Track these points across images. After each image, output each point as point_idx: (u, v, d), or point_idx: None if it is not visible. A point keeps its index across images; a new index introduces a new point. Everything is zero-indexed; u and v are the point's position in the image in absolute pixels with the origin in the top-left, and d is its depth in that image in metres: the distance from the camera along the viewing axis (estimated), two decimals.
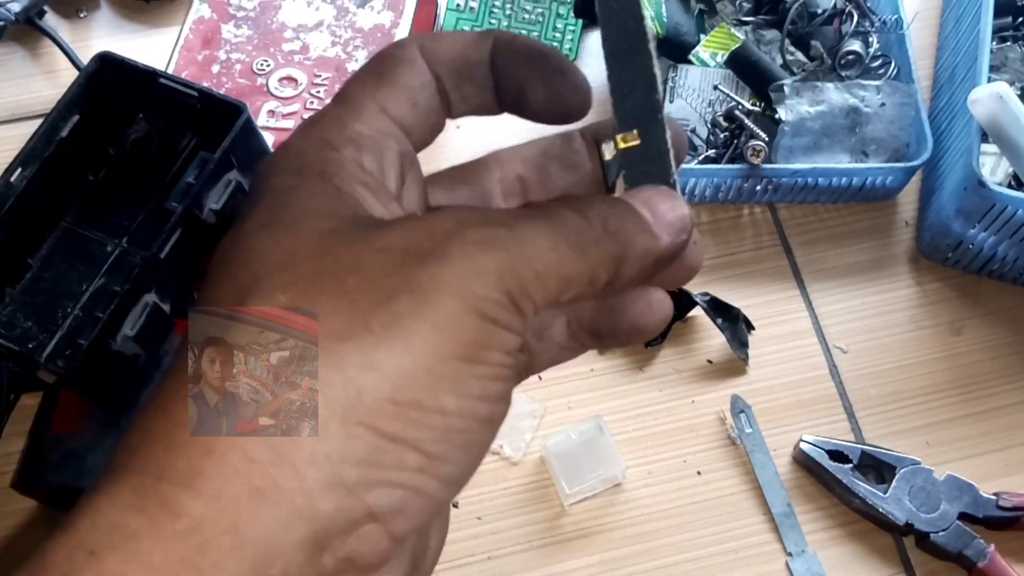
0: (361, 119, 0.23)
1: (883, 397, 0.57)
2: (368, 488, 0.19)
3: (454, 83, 0.24)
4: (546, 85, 0.23)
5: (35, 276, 0.51)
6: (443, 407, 0.20)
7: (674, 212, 0.24)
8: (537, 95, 0.24)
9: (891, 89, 0.60)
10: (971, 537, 0.52)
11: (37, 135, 0.50)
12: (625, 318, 0.25)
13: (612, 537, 0.53)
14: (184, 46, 0.57)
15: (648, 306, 0.25)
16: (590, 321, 0.26)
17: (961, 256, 0.59)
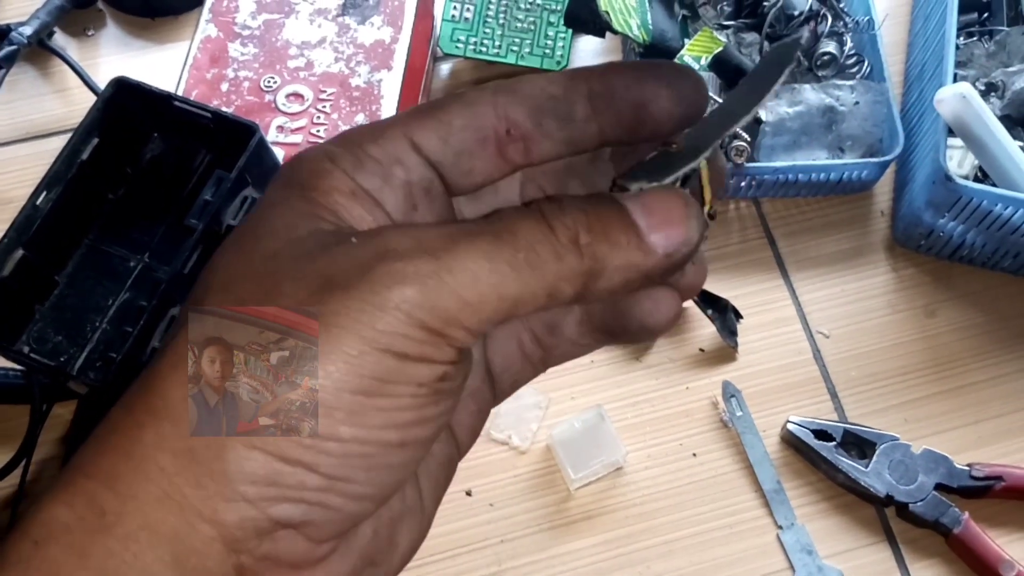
0: (379, 141, 0.23)
1: (863, 378, 0.60)
2: (270, 503, 0.20)
3: (534, 120, 0.23)
4: (671, 90, 0.23)
5: (62, 293, 0.54)
6: (338, 435, 0.20)
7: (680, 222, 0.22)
8: (662, 101, 0.23)
9: (864, 88, 0.63)
10: (947, 506, 0.55)
11: (60, 159, 0.52)
12: (633, 317, 0.25)
13: (616, 517, 0.56)
14: (193, 65, 0.60)
15: (654, 305, 0.25)
16: (600, 320, 0.26)
17: (933, 243, 0.62)
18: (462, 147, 0.23)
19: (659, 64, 0.23)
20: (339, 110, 0.59)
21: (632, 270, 0.22)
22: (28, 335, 0.52)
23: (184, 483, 0.20)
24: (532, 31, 0.68)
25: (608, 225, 0.22)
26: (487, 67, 0.69)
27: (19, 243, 0.50)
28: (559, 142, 0.23)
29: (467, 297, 0.20)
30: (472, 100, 0.23)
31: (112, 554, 0.20)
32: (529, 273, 0.21)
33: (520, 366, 0.27)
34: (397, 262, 0.20)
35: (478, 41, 0.67)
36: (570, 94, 0.23)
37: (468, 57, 0.67)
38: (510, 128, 0.23)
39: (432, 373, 0.21)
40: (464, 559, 0.55)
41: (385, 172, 0.23)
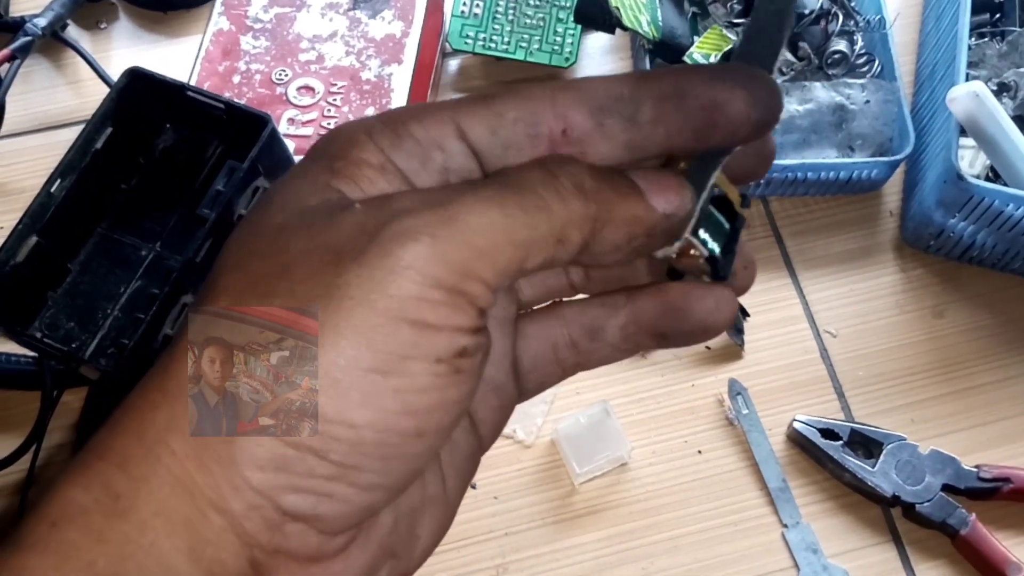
0: (423, 122, 0.22)
1: (871, 378, 0.60)
2: (277, 492, 0.20)
3: (595, 120, 0.22)
4: (746, 91, 0.21)
5: (75, 280, 0.54)
6: (350, 420, 0.19)
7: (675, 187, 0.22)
8: (738, 103, 0.21)
9: (875, 87, 0.63)
10: (954, 507, 0.55)
11: (74, 147, 0.53)
12: (692, 317, 0.24)
13: (620, 513, 0.56)
14: (205, 57, 0.60)
15: (716, 304, 0.24)
16: (651, 322, 0.25)
17: (943, 244, 0.62)
18: (512, 141, 0.22)
19: (734, 67, 0.22)
20: (350, 103, 0.59)
21: (636, 223, 0.22)
22: (40, 321, 0.53)
23: (194, 468, 0.19)
24: (541, 27, 0.68)
25: (611, 178, 0.22)
26: (496, 63, 0.69)
27: (33, 230, 0.51)
28: (619, 145, 0.22)
29: (480, 244, 0.20)
30: (530, 94, 0.22)
31: (129, 540, 0.19)
32: (537, 215, 0.20)
33: (550, 368, 0.26)
34: (405, 219, 0.20)
35: (487, 37, 0.67)
36: (637, 94, 0.22)
37: (477, 53, 0.67)
38: (567, 128, 0.22)
39: (451, 345, 0.20)
40: (468, 551, 0.55)
41: (424, 154, 0.22)
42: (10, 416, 0.58)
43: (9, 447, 0.56)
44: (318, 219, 0.21)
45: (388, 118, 0.22)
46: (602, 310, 0.25)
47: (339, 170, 0.21)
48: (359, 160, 0.21)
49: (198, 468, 0.19)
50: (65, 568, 0.19)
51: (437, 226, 0.19)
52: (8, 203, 0.64)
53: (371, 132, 0.22)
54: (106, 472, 0.20)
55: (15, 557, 0.19)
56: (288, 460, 0.19)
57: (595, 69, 0.70)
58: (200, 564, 0.19)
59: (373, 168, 0.21)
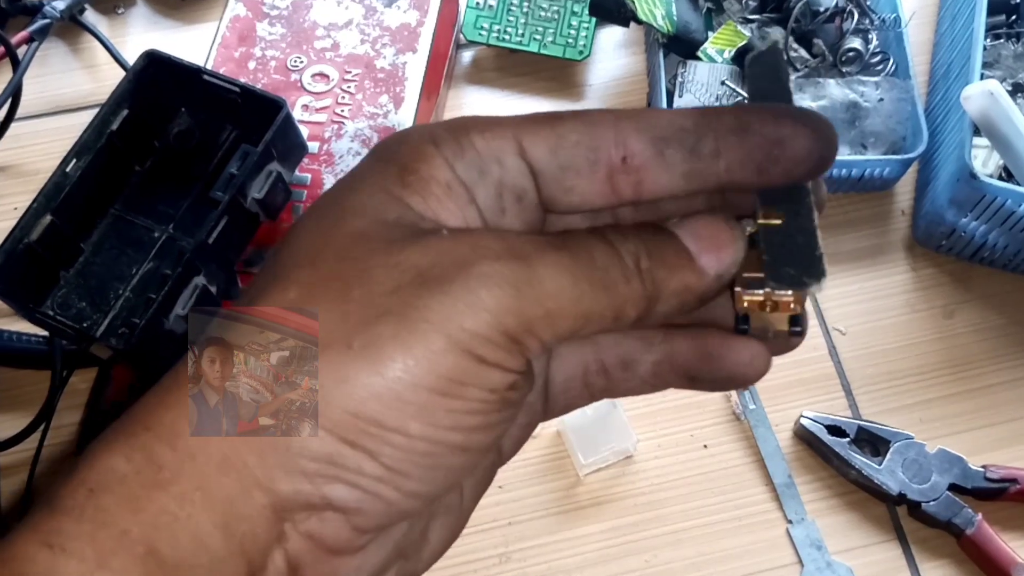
0: (486, 134, 0.23)
1: (879, 376, 0.60)
2: (326, 481, 0.20)
3: (656, 148, 0.22)
4: (808, 128, 0.22)
5: (87, 260, 0.55)
6: (406, 430, 0.20)
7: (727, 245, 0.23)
8: (801, 139, 0.22)
9: (889, 85, 0.63)
10: (960, 507, 0.55)
11: (90, 128, 0.53)
12: (724, 367, 0.25)
13: (624, 505, 0.56)
14: (221, 43, 0.61)
15: (751, 359, 0.24)
16: (685, 363, 0.25)
17: (954, 243, 0.62)
18: (570, 163, 0.22)
19: (795, 107, 0.23)
20: (364, 91, 0.59)
21: (687, 292, 0.23)
22: (53, 300, 0.53)
23: (246, 450, 0.20)
24: (556, 20, 0.68)
25: (663, 251, 0.22)
26: (509, 55, 0.69)
27: (47, 209, 0.51)
28: (678, 176, 0.22)
29: (550, 307, 0.21)
30: (594, 119, 0.23)
31: (165, 510, 0.20)
32: (602, 293, 0.21)
33: (578, 392, 0.27)
34: (494, 263, 0.21)
35: (501, 29, 0.67)
36: (700, 127, 0.22)
37: (491, 45, 0.68)
38: (627, 156, 0.22)
39: (504, 380, 0.21)
40: (472, 539, 0.55)
41: (483, 166, 0.23)
42: (20, 395, 0.58)
43: (18, 426, 0.56)
44: (402, 236, 0.21)
45: (453, 127, 0.23)
46: (639, 344, 0.26)
47: (410, 183, 0.22)
48: (429, 176, 0.22)
49: (251, 451, 0.20)
50: (99, 535, 0.19)
51: (521, 280, 0.21)
52: (23, 184, 0.64)
53: (437, 143, 0.23)
54: (151, 444, 0.20)
55: (50, 520, 0.20)
56: (342, 456, 0.20)
57: (609, 63, 0.70)
58: (233, 539, 0.20)
59: (440, 185, 0.22)
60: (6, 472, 0.55)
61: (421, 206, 0.22)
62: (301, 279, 0.21)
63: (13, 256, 0.50)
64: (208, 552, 0.20)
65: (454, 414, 0.21)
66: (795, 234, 0.22)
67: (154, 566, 0.19)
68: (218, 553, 0.20)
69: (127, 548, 0.19)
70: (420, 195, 0.22)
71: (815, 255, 0.22)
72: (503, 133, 0.23)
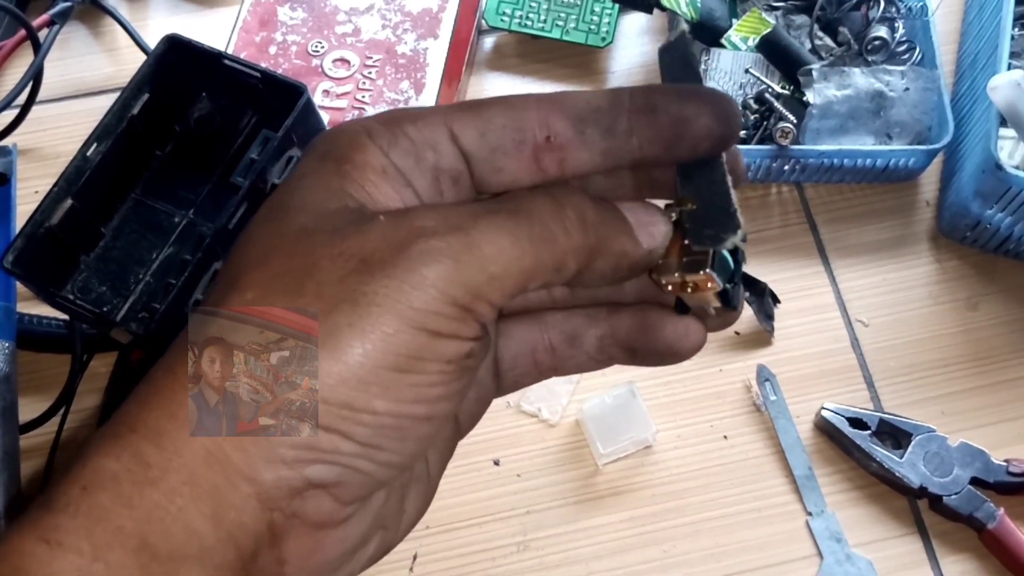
0: (418, 124, 0.24)
1: (901, 368, 0.60)
2: (306, 464, 0.22)
3: (576, 128, 0.24)
4: (710, 108, 0.24)
5: (107, 245, 0.55)
6: (373, 408, 0.22)
7: (656, 225, 0.25)
8: (704, 118, 0.24)
9: (915, 75, 0.62)
10: (982, 501, 0.54)
11: (110, 112, 0.53)
12: (662, 338, 0.26)
13: (642, 495, 0.56)
14: (242, 27, 0.60)
15: (686, 331, 0.26)
16: (627, 337, 0.27)
17: (979, 235, 0.61)
18: (498, 144, 0.24)
19: (700, 88, 0.25)
20: (384, 76, 0.59)
21: (624, 257, 0.24)
22: (73, 284, 0.53)
23: (228, 445, 0.21)
24: (578, 6, 0.67)
25: (608, 213, 0.24)
26: (531, 41, 0.69)
27: (68, 193, 0.51)
28: (597, 153, 0.24)
29: (492, 270, 0.22)
30: (516, 103, 0.24)
31: (157, 505, 0.21)
32: (543, 246, 0.23)
33: (527, 369, 0.28)
34: (431, 239, 0.22)
35: (523, 15, 0.67)
36: (614, 107, 0.24)
37: (513, 31, 0.67)
38: (550, 135, 0.24)
39: (460, 350, 0.22)
40: (490, 527, 0.55)
41: (418, 153, 0.24)
42: (40, 378, 0.58)
43: (38, 409, 0.56)
44: (343, 225, 0.22)
45: (385, 119, 0.24)
46: (583, 320, 0.28)
47: (347, 173, 0.23)
48: (364, 163, 0.23)
49: (232, 446, 0.21)
50: (95, 530, 0.20)
51: (459, 251, 0.22)
52: (44, 168, 0.64)
53: (371, 133, 0.24)
54: (137, 444, 0.21)
55: (46, 518, 0.21)
56: (319, 441, 0.22)
57: (631, 50, 0.69)
58: (221, 527, 0.21)
59: (376, 172, 0.23)
60: (26, 455, 0.55)
61: (360, 194, 0.23)
62: (255, 280, 0.22)
63: (34, 240, 0.50)
64: (199, 541, 0.21)
65: (416, 388, 0.22)
66: (712, 199, 0.24)
67: (148, 557, 0.20)
68: (208, 542, 0.21)
69: (122, 541, 0.20)
70: (358, 183, 0.23)
71: (730, 211, 0.24)
72: (434, 121, 0.24)
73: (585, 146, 0.24)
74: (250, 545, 0.22)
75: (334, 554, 0.24)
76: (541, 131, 0.24)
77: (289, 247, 0.23)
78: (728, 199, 0.24)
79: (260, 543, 0.22)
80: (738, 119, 0.24)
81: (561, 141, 0.24)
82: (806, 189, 0.65)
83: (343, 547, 0.24)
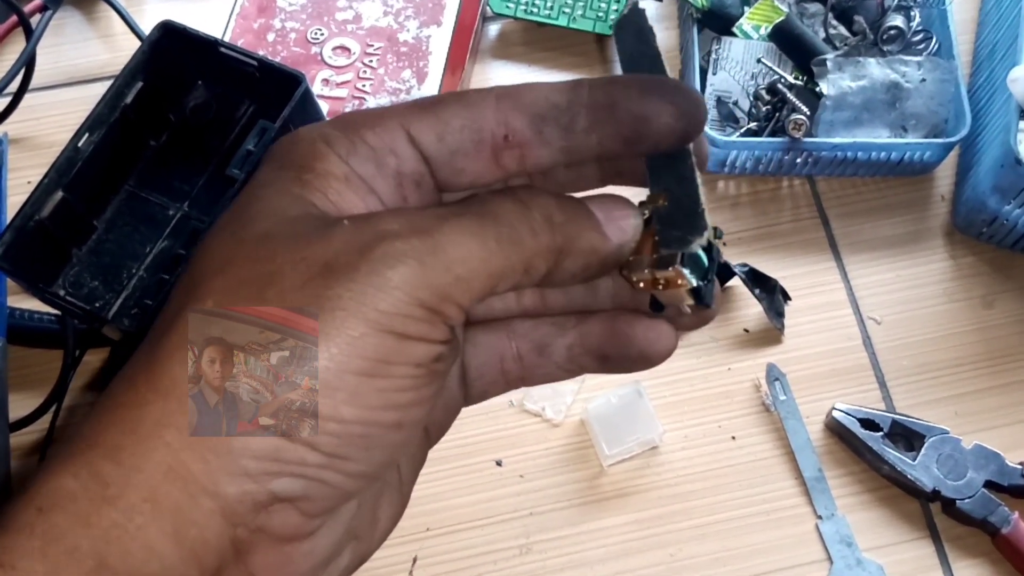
0: (376, 129, 0.23)
1: (914, 368, 0.58)
2: (270, 477, 0.21)
3: (534, 127, 0.23)
4: (674, 107, 0.23)
5: (100, 238, 0.53)
6: (340, 416, 0.21)
7: (626, 219, 0.24)
8: (664, 117, 0.23)
9: (932, 65, 0.60)
10: (996, 504, 0.53)
11: (103, 101, 0.51)
12: (633, 344, 0.26)
13: (648, 497, 0.55)
14: (240, 14, 0.59)
15: (658, 335, 0.26)
16: (597, 344, 0.27)
17: (995, 231, 0.60)
18: (458, 147, 0.24)
19: (662, 80, 0.24)
20: (386, 65, 0.57)
21: (594, 254, 0.24)
22: (64, 279, 0.52)
23: (190, 458, 0.21)
24: None
25: (576, 211, 0.24)
26: (537, 29, 0.67)
27: (59, 185, 0.49)
28: (556, 151, 0.24)
29: (459, 272, 0.22)
30: (473, 101, 0.24)
31: (115, 524, 0.20)
32: (511, 248, 0.22)
33: (495, 378, 0.28)
34: (395, 242, 0.21)
35: (529, 2, 0.65)
36: (573, 104, 0.23)
37: (518, 18, 0.65)
38: (508, 134, 0.23)
39: (429, 353, 0.22)
40: (492, 529, 0.54)
41: (379, 159, 0.24)
42: (32, 374, 0.57)
43: (30, 405, 0.55)
44: (305, 231, 0.22)
45: (343, 124, 0.24)
46: (552, 328, 0.27)
47: (308, 182, 0.23)
48: (325, 172, 0.23)
49: (194, 459, 0.21)
50: (49, 551, 0.20)
51: (424, 253, 0.21)
52: (37, 157, 0.63)
53: (329, 141, 0.23)
54: (96, 462, 0.21)
55: (2, 539, 0.20)
56: (282, 450, 0.21)
57: None
58: (183, 545, 0.21)
59: (338, 179, 0.23)
60: (18, 452, 0.54)
61: (323, 202, 0.23)
62: (216, 288, 0.22)
63: (23, 233, 0.48)
64: (160, 560, 0.20)
65: (384, 393, 0.22)
66: (681, 198, 0.24)
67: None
68: (170, 560, 0.21)
69: (77, 562, 0.20)
70: (320, 191, 0.23)
71: (697, 212, 0.24)
72: (392, 125, 0.24)
73: (544, 144, 0.23)
74: (213, 562, 0.21)
75: (304, 567, 0.23)
76: (499, 130, 0.23)
77: (250, 254, 0.22)
78: (696, 198, 0.24)
79: (224, 560, 0.21)
80: (702, 113, 0.24)
81: (520, 139, 0.23)
82: (818, 182, 0.64)
83: (313, 560, 0.23)
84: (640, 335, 0.26)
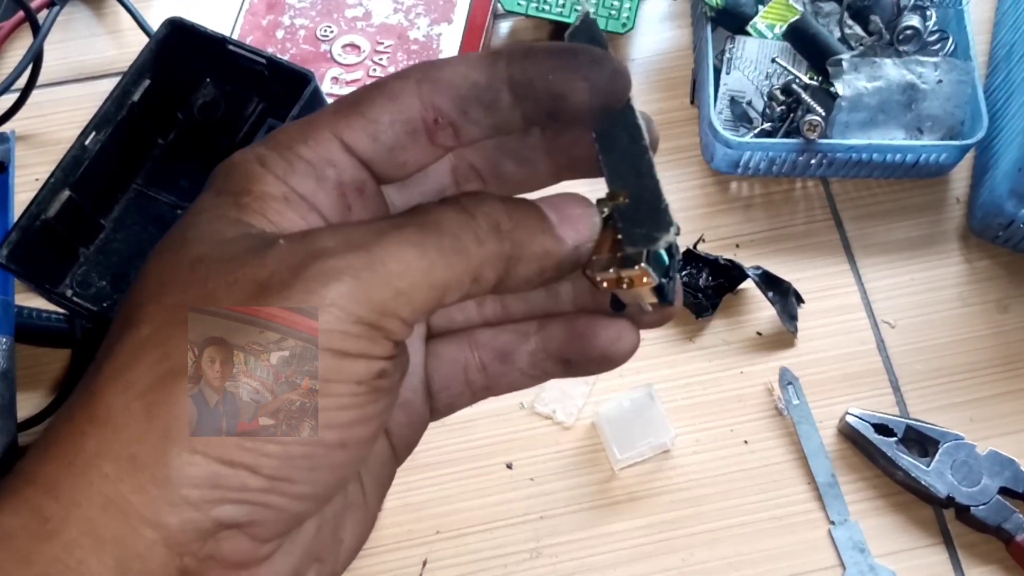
0: (309, 143, 0.23)
1: (929, 372, 0.58)
2: (212, 505, 0.21)
3: (459, 109, 0.23)
4: (587, 81, 0.23)
5: (108, 237, 0.53)
6: (279, 438, 0.21)
7: (582, 219, 0.24)
8: (578, 94, 0.23)
9: (948, 66, 0.60)
10: (1011, 511, 0.53)
11: (110, 99, 0.51)
12: (595, 345, 0.26)
13: (660, 501, 0.55)
14: (249, 10, 0.58)
15: (619, 335, 0.26)
16: (559, 348, 0.26)
17: (1012, 235, 0.59)
18: (394, 143, 0.23)
19: (575, 52, 0.23)
20: (396, 63, 0.57)
21: (547, 257, 0.23)
22: (72, 278, 0.51)
23: (128, 489, 0.20)
24: None
25: (525, 215, 0.23)
26: (548, 26, 0.66)
27: (66, 183, 0.49)
28: (486, 127, 0.23)
29: (399, 286, 0.21)
30: (396, 92, 0.23)
31: (56, 560, 0.20)
32: (455, 258, 0.22)
33: (460, 390, 0.27)
34: (330, 259, 0.21)
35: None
36: (493, 81, 0.23)
37: (530, 16, 0.65)
38: (438, 117, 0.23)
39: (370, 369, 0.21)
40: (502, 533, 0.54)
41: (318, 174, 0.23)
42: (41, 373, 0.57)
43: (39, 404, 0.55)
44: (239, 253, 0.22)
45: (275, 144, 0.23)
46: (514, 336, 0.27)
47: (246, 205, 0.22)
48: (263, 194, 0.23)
49: (133, 489, 0.20)
50: None
51: (360, 268, 0.21)
52: (44, 155, 0.62)
53: (265, 162, 0.23)
54: (34, 497, 0.20)
55: None
56: (222, 477, 0.21)
57: (653, 36, 0.67)
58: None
59: (277, 200, 0.23)
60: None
61: (262, 223, 0.22)
62: (149, 316, 0.22)
63: (29, 233, 0.48)
64: None
65: (325, 412, 0.21)
66: (642, 194, 0.23)
67: None
68: None
69: None
70: (259, 213, 0.22)
71: (660, 208, 0.23)
72: (323, 136, 0.23)
73: (473, 123, 0.23)
74: None
75: None
76: (428, 114, 0.23)
77: (184, 278, 0.22)
78: (658, 193, 0.23)
79: None
80: (620, 84, 0.23)
81: (449, 119, 0.23)
82: (832, 184, 0.63)
83: None
84: (601, 336, 0.26)
